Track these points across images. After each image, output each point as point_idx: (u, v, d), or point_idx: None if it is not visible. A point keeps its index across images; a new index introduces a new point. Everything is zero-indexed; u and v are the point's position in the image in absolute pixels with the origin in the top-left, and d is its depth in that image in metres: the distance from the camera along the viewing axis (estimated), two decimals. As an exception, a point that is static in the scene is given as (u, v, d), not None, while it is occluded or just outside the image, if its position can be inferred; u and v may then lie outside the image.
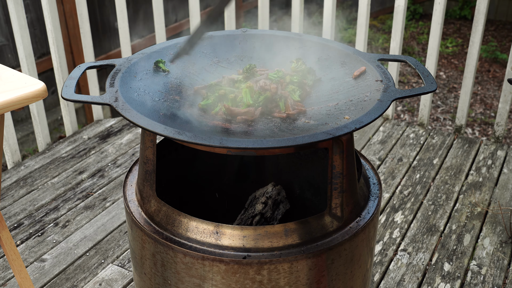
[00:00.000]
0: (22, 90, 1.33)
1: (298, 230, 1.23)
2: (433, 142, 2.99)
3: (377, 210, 1.35)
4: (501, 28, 5.64)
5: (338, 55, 1.49)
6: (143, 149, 1.31)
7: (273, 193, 1.61)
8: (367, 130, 3.10)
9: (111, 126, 3.20)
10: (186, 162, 1.66)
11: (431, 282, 2.06)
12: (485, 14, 2.79)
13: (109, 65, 1.40)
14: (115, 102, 1.22)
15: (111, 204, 2.51)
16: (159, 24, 3.17)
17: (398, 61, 1.45)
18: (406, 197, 2.53)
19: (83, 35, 3.10)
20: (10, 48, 3.77)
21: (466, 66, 2.94)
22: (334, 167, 1.22)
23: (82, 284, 2.07)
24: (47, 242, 2.28)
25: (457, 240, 2.27)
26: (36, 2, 3.78)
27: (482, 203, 2.49)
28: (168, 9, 4.64)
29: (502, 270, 2.11)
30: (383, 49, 5.17)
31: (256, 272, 1.20)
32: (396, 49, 3.03)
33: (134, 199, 1.39)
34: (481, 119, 4.06)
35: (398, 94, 1.27)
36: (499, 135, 2.98)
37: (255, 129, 1.22)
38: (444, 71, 4.80)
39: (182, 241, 1.24)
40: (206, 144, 1.08)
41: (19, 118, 3.99)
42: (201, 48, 1.55)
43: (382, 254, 2.19)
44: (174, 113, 1.26)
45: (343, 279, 1.31)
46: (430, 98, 3.10)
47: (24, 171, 2.77)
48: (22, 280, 1.67)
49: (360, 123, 1.15)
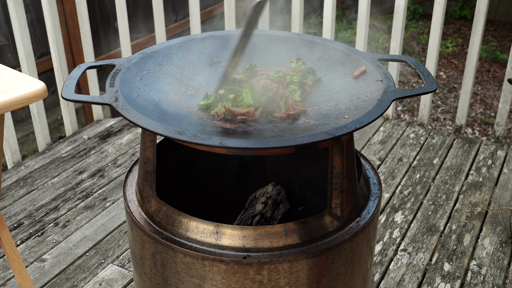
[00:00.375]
0: (22, 90, 1.33)
1: (298, 230, 1.23)
2: (433, 142, 2.99)
3: (377, 210, 1.35)
4: (501, 28, 5.64)
5: (338, 55, 1.49)
6: (143, 149, 1.31)
7: (273, 193, 1.61)
8: (367, 130, 3.10)
9: (111, 126, 3.20)
10: (186, 162, 1.66)
11: (431, 282, 2.06)
12: (485, 14, 2.79)
13: (109, 65, 1.40)
14: (115, 102, 1.22)
15: (111, 204, 2.52)
16: (159, 24, 3.17)
17: (398, 61, 1.45)
18: (406, 197, 2.53)
19: (83, 35, 3.10)
20: (10, 48, 3.77)
21: (466, 66, 2.94)
22: (334, 167, 1.22)
23: (82, 284, 2.07)
24: (47, 242, 2.28)
25: (457, 240, 2.27)
26: (36, 2, 3.78)
27: (482, 203, 2.49)
28: (168, 9, 4.64)
29: (502, 270, 2.11)
30: (383, 49, 5.17)
31: (256, 272, 1.20)
32: (396, 49, 3.03)
33: (134, 199, 1.39)
34: (481, 119, 4.06)
35: (398, 94, 1.27)
36: (499, 135, 2.98)
37: (255, 129, 1.22)
38: (444, 71, 4.80)
39: (182, 241, 1.24)
40: (206, 144, 1.08)
41: (19, 118, 3.99)
42: (201, 48, 1.55)
43: (382, 254, 2.19)
44: (174, 113, 1.26)
45: (343, 279, 1.31)
46: (430, 98, 3.10)
47: (24, 171, 2.77)
48: (22, 280, 1.67)
49: (360, 123, 1.15)
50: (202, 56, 1.53)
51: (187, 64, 1.48)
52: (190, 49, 1.53)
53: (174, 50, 1.50)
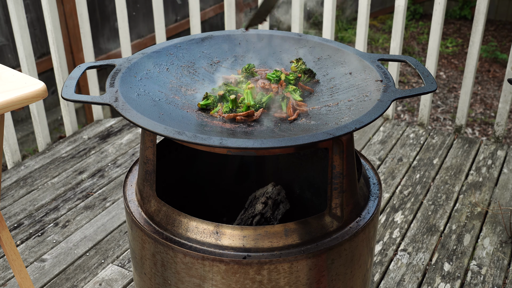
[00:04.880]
0: (22, 90, 1.33)
1: (298, 230, 1.23)
2: (433, 142, 2.99)
3: (377, 210, 1.35)
4: (501, 28, 5.64)
5: (338, 55, 1.49)
6: (143, 149, 1.31)
7: (273, 193, 1.61)
8: (367, 130, 3.10)
9: (111, 126, 3.20)
10: (186, 162, 1.66)
11: (431, 282, 2.06)
12: (485, 14, 2.79)
13: (109, 65, 1.40)
14: (115, 102, 1.22)
15: (111, 204, 2.51)
16: (159, 24, 3.17)
17: (398, 61, 1.45)
18: (406, 197, 2.53)
19: (83, 35, 3.10)
20: (10, 48, 3.77)
21: (466, 66, 2.94)
22: (334, 167, 1.22)
23: (82, 284, 2.07)
24: (47, 242, 2.28)
25: (457, 240, 2.27)
26: (36, 2, 3.78)
27: (482, 203, 2.49)
28: (168, 9, 4.64)
29: (502, 270, 2.11)
30: (383, 49, 5.17)
31: (256, 272, 1.20)
32: (396, 49, 3.03)
33: (134, 199, 1.39)
34: (481, 119, 4.06)
35: (398, 94, 1.27)
36: (499, 135, 2.98)
37: (255, 129, 1.22)
38: (444, 71, 4.80)
39: (182, 241, 1.24)
40: (206, 144, 1.08)
41: (19, 118, 3.99)
42: (201, 48, 1.55)
43: (382, 254, 2.19)
44: (174, 113, 1.26)
45: (343, 279, 1.31)
46: (430, 98, 3.10)
47: (24, 171, 2.77)
48: (22, 280, 1.67)
49: (360, 123, 1.15)
50: (202, 56, 1.53)
51: (187, 64, 1.48)
52: (190, 49, 1.53)
53: (174, 50, 1.50)
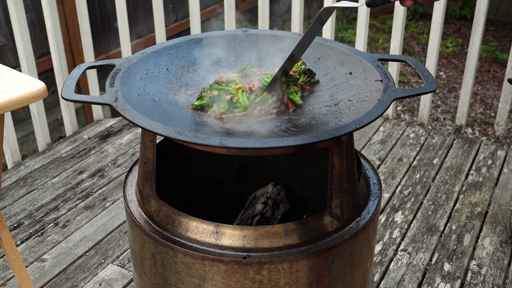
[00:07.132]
0: (22, 90, 1.33)
1: (298, 230, 1.23)
2: (433, 142, 2.99)
3: (377, 210, 1.35)
4: (501, 28, 5.64)
5: (338, 55, 1.49)
6: (143, 149, 1.31)
7: (273, 193, 1.61)
8: (367, 130, 3.10)
9: (111, 126, 3.20)
10: (186, 162, 1.66)
11: (431, 282, 2.06)
12: (485, 14, 2.79)
13: (109, 65, 1.40)
14: (115, 102, 1.22)
15: (111, 204, 2.51)
16: (159, 24, 3.17)
17: (398, 61, 1.45)
18: (406, 197, 2.53)
19: (83, 35, 3.10)
20: (10, 48, 3.77)
21: (466, 66, 2.94)
22: (334, 167, 1.22)
23: (82, 284, 2.07)
24: (47, 242, 2.28)
25: (457, 240, 2.27)
26: (36, 2, 3.78)
27: (482, 203, 2.49)
28: (168, 9, 4.64)
29: (502, 270, 2.11)
30: (383, 49, 5.17)
31: (256, 272, 1.20)
32: (396, 49, 3.03)
33: (134, 199, 1.39)
34: (481, 119, 4.06)
35: (398, 94, 1.27)
36: (499, 135, 2.98)
37: (255, 129, 1.22)
38: (444, 71, 4.80)
39: (182, 241, 1.24)
40: (206, 144, 1.08)
41: (19, 118, 3.99)
42: (201, 48, 1.55)
43: (382, 254, 2.19)
44: (174, 113, 1.26)
45: (343, 279, 1.31)
46: (430, 98, 3.10)
47: (24, 171, 2.77)
48: (22, 280, 1.67)
49: (360, 123, 1.15)
50: (202, 56, 1.53)
51: (187, 64, 1.48)
52: (190, 49, 1.53)
53: (174, 50, 1.50)
